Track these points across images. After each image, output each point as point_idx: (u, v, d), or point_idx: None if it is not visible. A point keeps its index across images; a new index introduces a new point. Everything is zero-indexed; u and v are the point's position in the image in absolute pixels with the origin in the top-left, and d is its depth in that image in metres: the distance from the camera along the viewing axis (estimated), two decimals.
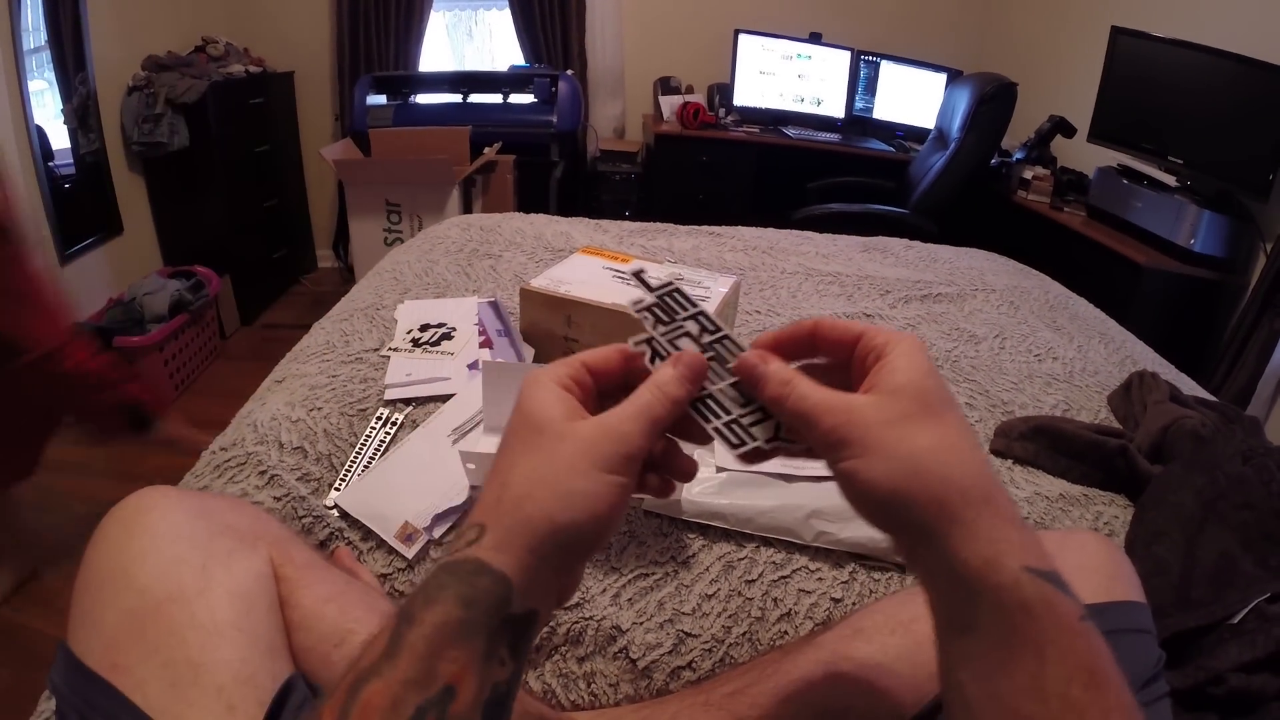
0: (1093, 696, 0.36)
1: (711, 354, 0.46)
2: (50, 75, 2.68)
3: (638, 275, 0.49)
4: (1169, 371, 1.48)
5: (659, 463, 0.46)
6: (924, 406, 0.40)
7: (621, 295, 1.08)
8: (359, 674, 0.36)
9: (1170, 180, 2.71)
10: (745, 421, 0.45)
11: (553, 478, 0.40)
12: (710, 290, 1.13)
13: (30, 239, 1.50)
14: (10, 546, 1.90)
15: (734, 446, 0.45)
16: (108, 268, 2.99)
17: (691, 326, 0.48)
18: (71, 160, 2.80)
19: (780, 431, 0.45)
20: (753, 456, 0.46)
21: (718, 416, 0.45)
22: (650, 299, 0.48)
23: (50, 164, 2.66)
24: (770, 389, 0.43)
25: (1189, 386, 1.40)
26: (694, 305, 0.48)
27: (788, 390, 0.42)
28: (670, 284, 0.49)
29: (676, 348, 0.47)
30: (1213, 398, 1.35)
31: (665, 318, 0.48)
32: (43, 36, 2.63)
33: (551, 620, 0.42)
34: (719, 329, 0.47)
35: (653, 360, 0.46)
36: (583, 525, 0.40)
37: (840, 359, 0.46)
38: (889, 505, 0.39)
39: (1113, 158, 2.98)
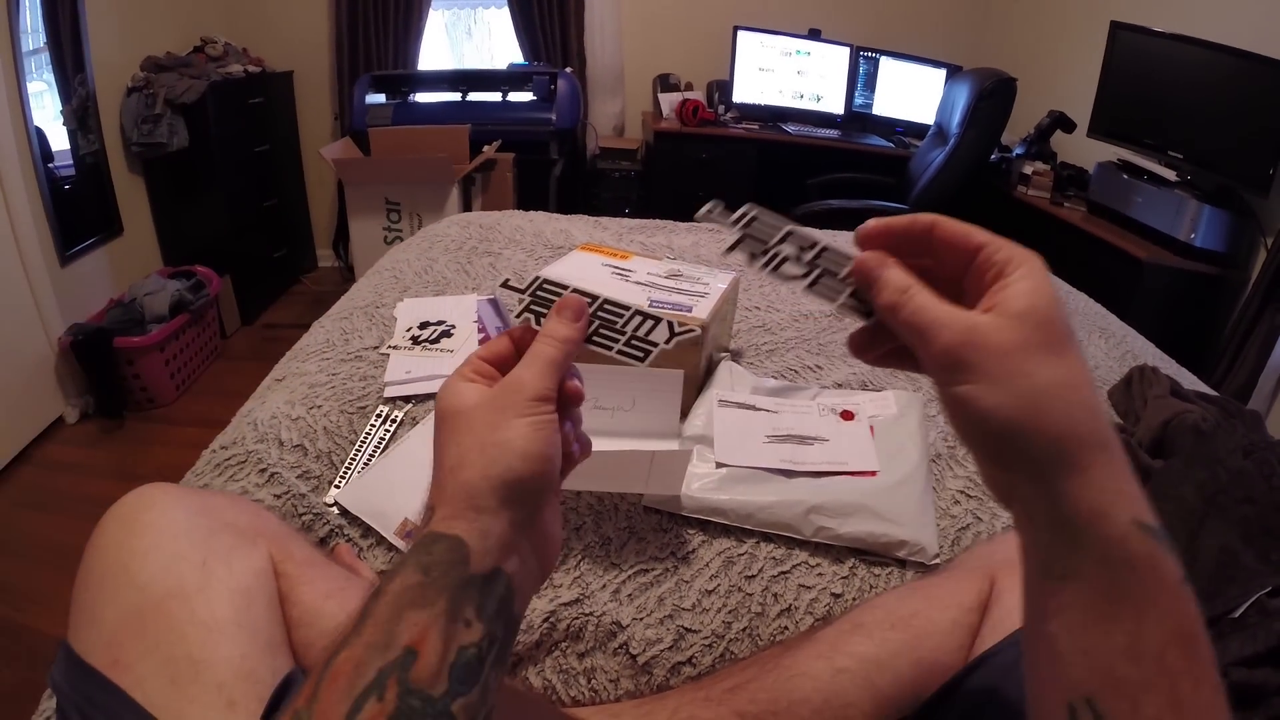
0: (1187, 663, 0.34)
1: (818, 270, 0.45)
2: (49, 77, 2.68)
3: (710, 213, 0.48)
4: (1170, 366, 1.48)
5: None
6: (1049, 337, 0.37)
7: (621, 292, 1.07)
8: (333, 648, 0.37)
9: (1170, 175, 2.70)
10: (642, 334, 0.49)
11: (475, 442, 0.42)
12: (710, 286, 1.13)
13: None
14: None
15: (640, 361, 0.49)
16: (108, 268, 3.00)
17: (789, 249, 0.46)
18: (71, 161, 2.79)
19: (675, 329, 0.49)
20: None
21: (615, 343, 0.49)
22: (735, 234, 0.47)
23: (50, 165, 2.66)
24: (886, 295, 0.41)
25: (1190, 381, 1.40)
26: (779, 226, 0.47)
27: (905, 299, 0.40)
28: (748, 213, 0.47)
29: (549, 300, 0.49)
30: (1213, 392, 1.35)
31: (759, 248, 0.46)
32: (42, 38, 2.63)
33: (537, 588, 0.42)
34: (815, 242, 0.46)
35: (538, 322, 0.48)
36: (517, 468, 0.41)
37: (954, 266, 0.43)
38: (1003, 438, 0.37)
39: (1113, 153, 2.98)
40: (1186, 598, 0.36)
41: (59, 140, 2.73)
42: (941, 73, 3.81)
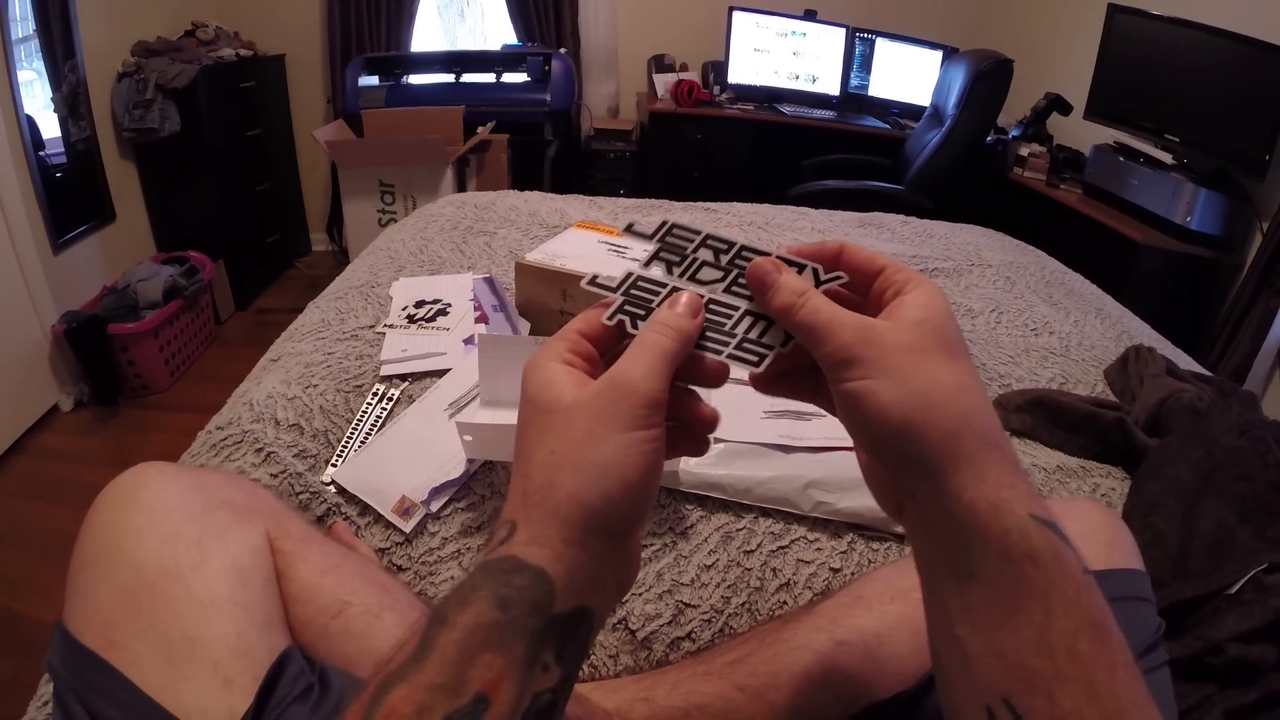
0: (1099, 651, 0.34)
1: (736, 270, 0.44)
2: (39, 65, 2.65)
3: (630, 229, 0.46)
4: (1165, 348, 1.48)
5: (677, 415, 0.43)
6: (941, 342, 0.38)
7: (618, 269, 1.07)
8: (386, 677, 0.34)
9: (1167, 158, 2.70)
10: (754, 336, 0.43)
11: (572, 455, 0.37)
12: None
13: None
14: None
15: (754, 365, 0.43)
16: (101, 255, 2.98)
17: (705, 254, 0.45)
18: (63, 149, 2.77)
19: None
20: (765, 373, 0.43)
21: (726, 345, 0.43)
22: (652, 247, 0.45)
23: (41, 153, 2.63)
24: (782, 297, 0.41)
25: (1185, 363, 1.40)
26: (697, 232, 0.45)
27: (801, 300, 0.40)
28: (665, 223, 0.46)
29: (649, 303, 0.43)
30: (1209, 373, 1.35)
31: (676, 258, 0.45)
32: (31, 26, 2.60)
33: (611, 615, 0.38)
34: (733, 243, 0.44)
35: (634, 324, 0.43)
36: (616, 498, 0.37)
37: (860, 290, 0.43)
38: (897, 435, 0.37)
39: (1109, 135, 2.97)
40: (1091, 588, 0.35)
41: (50, 128, 2.71)
42: (938, 54, 3.79)
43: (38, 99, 2.65)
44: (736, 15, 3.75)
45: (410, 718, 0.32)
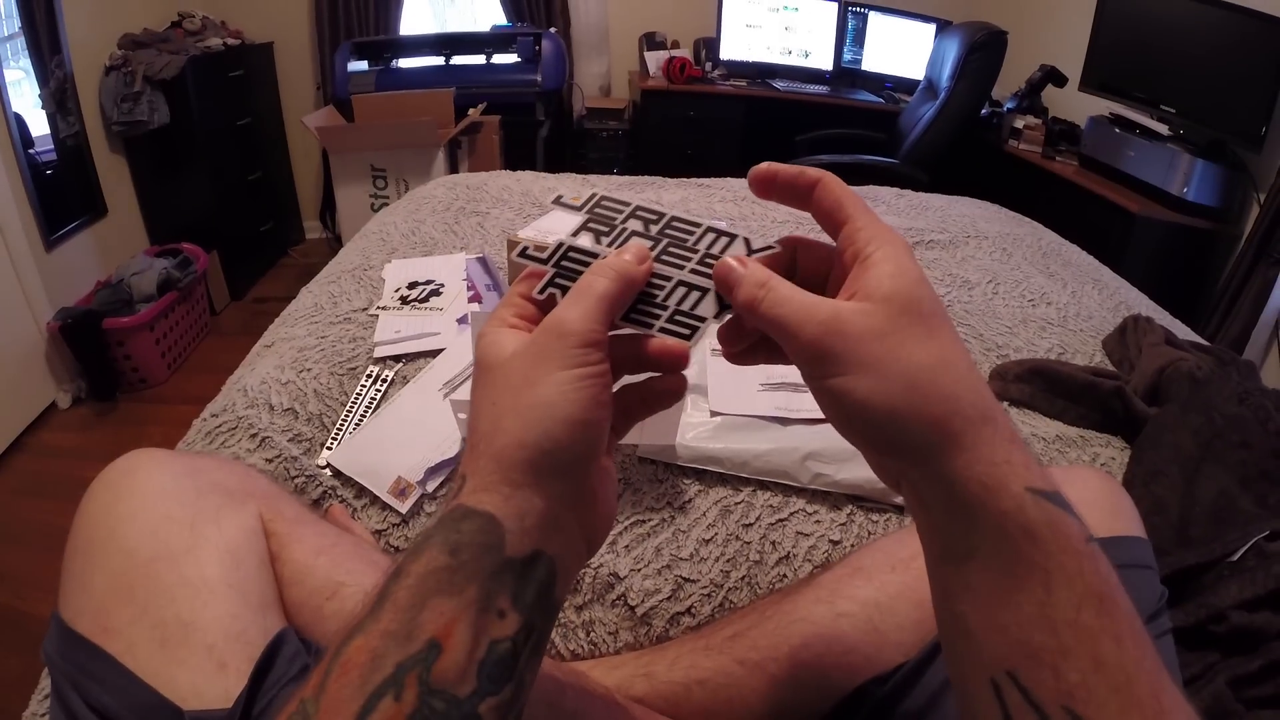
0: (1103, 622, 0.33)
1: (667, 240, 0.43)
2: (26, 63, 2.63)
3: (558, 201, 0.46)
4: (1163, 318, 1.47)
5: (631, 361, 0.42)
6: (917, 318, 0.36)
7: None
8: (346, 631, 0.34)
9: (1163, 129, 2.68)
10: (686, 307, 0.41)
11: (513, 401, 0.37)
12: None
13: None
14: None
15: (686, 338, 0.41)
16: (94, 250, 2.96)
17: (635, 225, 0.44)
18: (52, 145, 2.74)
19: (724, 301, 0.41)
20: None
21: (657, 319, 0.41)
22: (581, 218, 0.45)
23: (31, 151, 2.61)
24: (744, 290, 0.39)
25: (1183, 333, 1.39)
26: (626, 204, 0.45)
27: (763, 292, 0.38)
28: (594, 195, 0.45)
29: (578, 271, 0.42)
30: (1207, 343, 1.34)
31: (605, 228, 0.44)
32: (16, 24, 2.58)
33: (581, 566, 0.36)
34: (662, 213, 0.44)
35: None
36: (559, 436, 0.36)
37: (830, 231, 0.41)
38: (883, 427, 0.36)
39: (1105, 107, 2.95)
40: (1094, 557, 0.34)
41: (38, 125, 2.68)
42: (931, 27, 3.76)
43: (25, 97, 2.63)
44: None
45: (364, 667, 0.32)
